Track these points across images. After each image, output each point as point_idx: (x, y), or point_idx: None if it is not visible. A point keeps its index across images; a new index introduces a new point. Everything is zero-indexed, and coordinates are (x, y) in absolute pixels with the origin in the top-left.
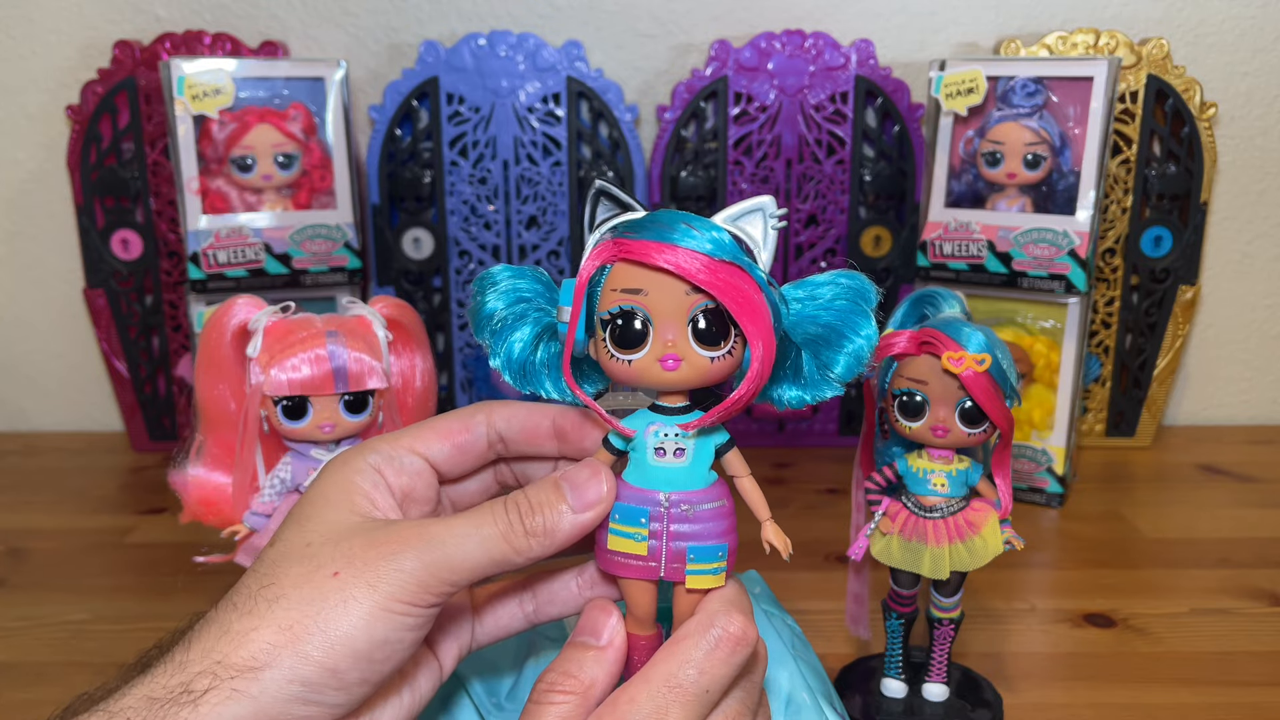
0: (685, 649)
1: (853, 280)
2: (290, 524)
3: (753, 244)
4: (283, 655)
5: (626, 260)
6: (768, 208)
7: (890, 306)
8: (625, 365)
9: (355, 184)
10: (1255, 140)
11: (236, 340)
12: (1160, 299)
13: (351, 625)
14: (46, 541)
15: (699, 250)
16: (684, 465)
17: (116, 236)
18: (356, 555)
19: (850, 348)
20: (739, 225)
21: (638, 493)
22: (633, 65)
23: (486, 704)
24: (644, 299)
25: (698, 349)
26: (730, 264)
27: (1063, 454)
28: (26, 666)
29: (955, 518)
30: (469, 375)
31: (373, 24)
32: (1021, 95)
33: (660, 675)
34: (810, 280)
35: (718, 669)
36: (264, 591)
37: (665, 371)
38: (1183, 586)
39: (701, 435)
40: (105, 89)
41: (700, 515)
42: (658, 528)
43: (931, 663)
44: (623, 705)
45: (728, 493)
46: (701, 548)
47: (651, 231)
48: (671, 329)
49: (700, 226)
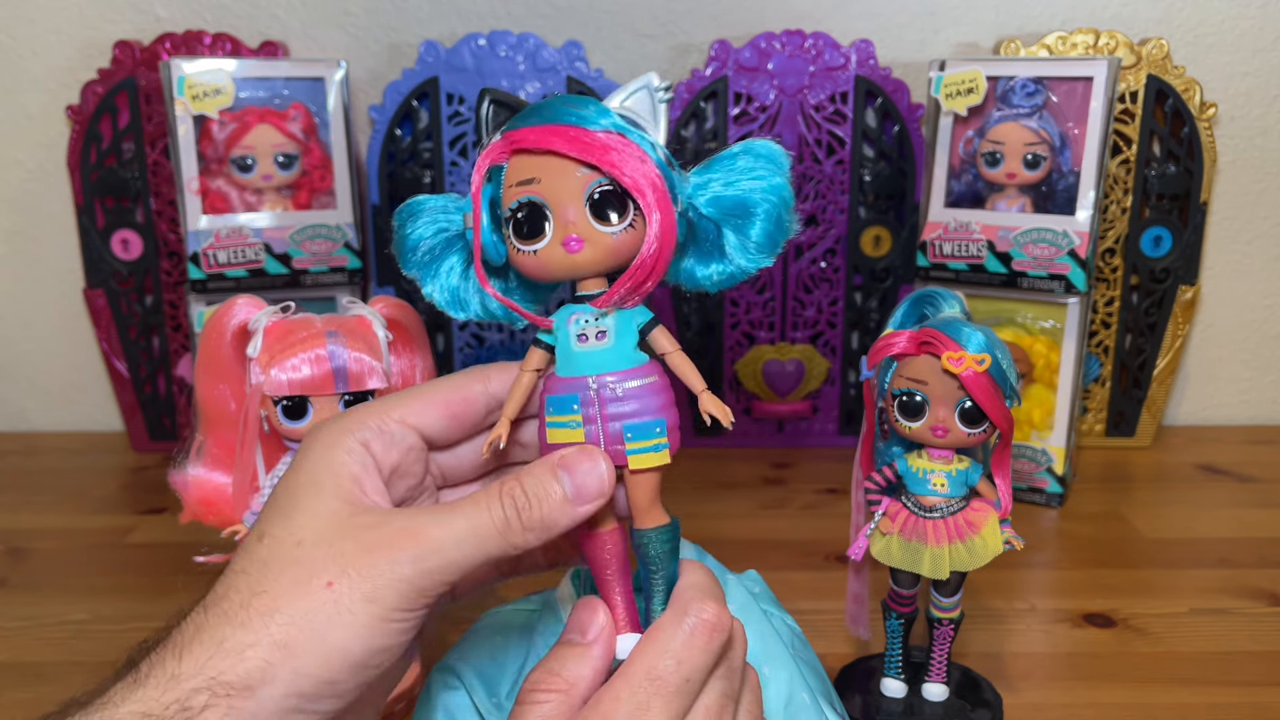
0: (662, 640)
1: (761, 147)
2: (276, 514)
3: (643, 121)
4: (279, 672)
5: (517, 151)
6: (651, 82)
7: (890, 307)
8: (532, 256)
9: (355, 184)
10: (1255, 140)
11: (236, 340)
12: (1160, 299)
13: (349, 640)
14: (46, 541)
15: (585, 125)
16: (607, 346)
17: (117, 236)
18: (350, 563)
19: (762, 210)
20: (625, 106)
21: (566, 382)
22: (633, 65)
23: (487, 704)
24: (539, 188)
25: (598, 226)
26: (616, 134)
27: (1062, 454)
28: (26, 666)
29: (955, 518)
30: None
31: (373, 24)
32: (1021, 95)
33: (640, 669)
34: (718, 156)
35: (696, 657)
36: (256, 601)
37: (569, 254)
38: (1182, 586)
39: (621, 314)
40: (105, 89)
41: (630, 393)
42: (591, 412)
43: (931, 663)
44: (606, 703)
45: (659, 370)
46: (637, 424)
47: (536, 117)
48: (570, 210)
49: (582, 104)
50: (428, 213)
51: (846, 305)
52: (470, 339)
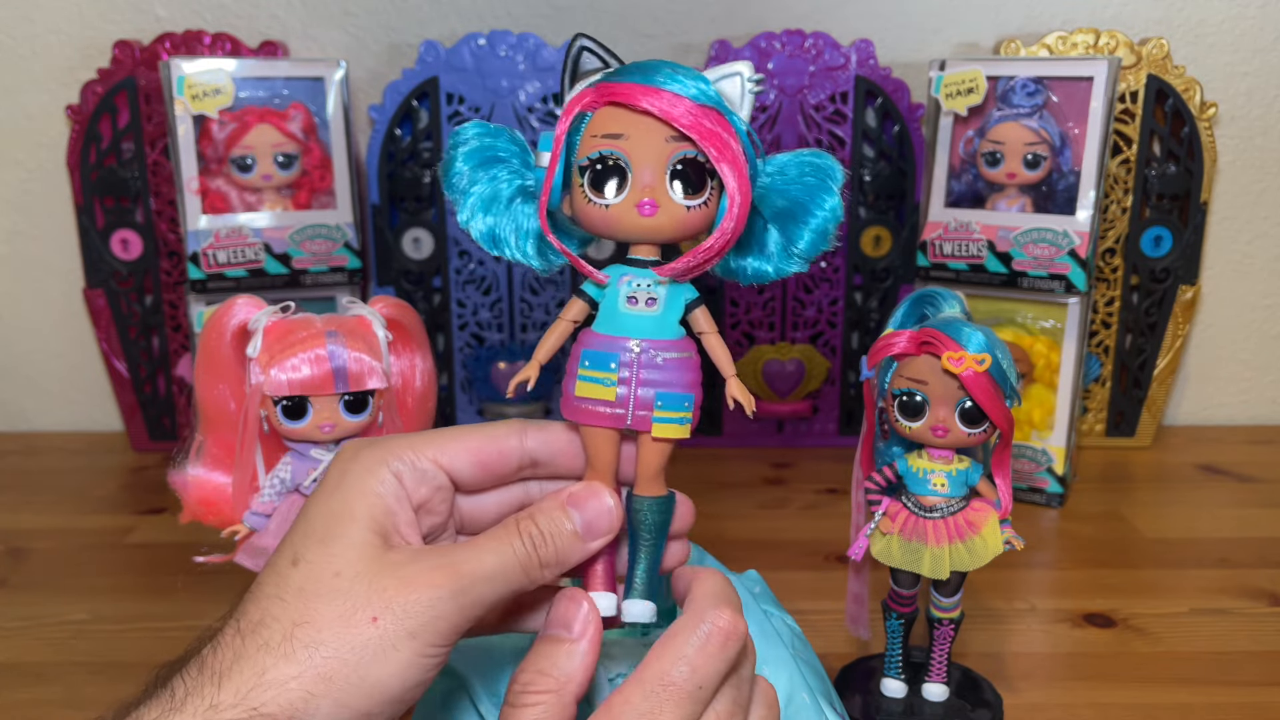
0: (676, 646)
1: (820, 159)
2: (310, 539)
3: (732, 105)
4: (321, 705)
5: (610, 103)
6: (746, 70)
7: (890, 307)
8: (602, 210)
9: (355, 184)
10: (1255, 140)
11: (236, 340)
12: (1160, 299)
13: (390, 674)
14: (46, 541)
15: (684, 94)
16: (655, 314)
17: (116, 236)
18: (393, 598)
19: (814, 223)
20: (720, 86)
21: (608, 339)
22: None
23: (487, 704)
24: (624, 144)
25: (676, 196)
26: (714, 110)
27: (1063, 454)
28: (26, 666)
29: (955, 518)
30: (469, 375)
31: (373, 24)
32: (1021, 95)
33: (653, 674)
34: (778, 157)
35: (709, 664)
36: (299, 632)
37: (642, 217)
38: (1182, 586)
39: (672, 287)
40: (105, 89)
41: (670, 364)
42: (627, 374)
43: (931, 663)
44: (617, 707)
45: (694, 346)
46: (670, 395)
47: (636, 75)
48: (650, 174)
49: (685, 73)
50: (477, 141)
51: (846, 305)
52: (470, 339)
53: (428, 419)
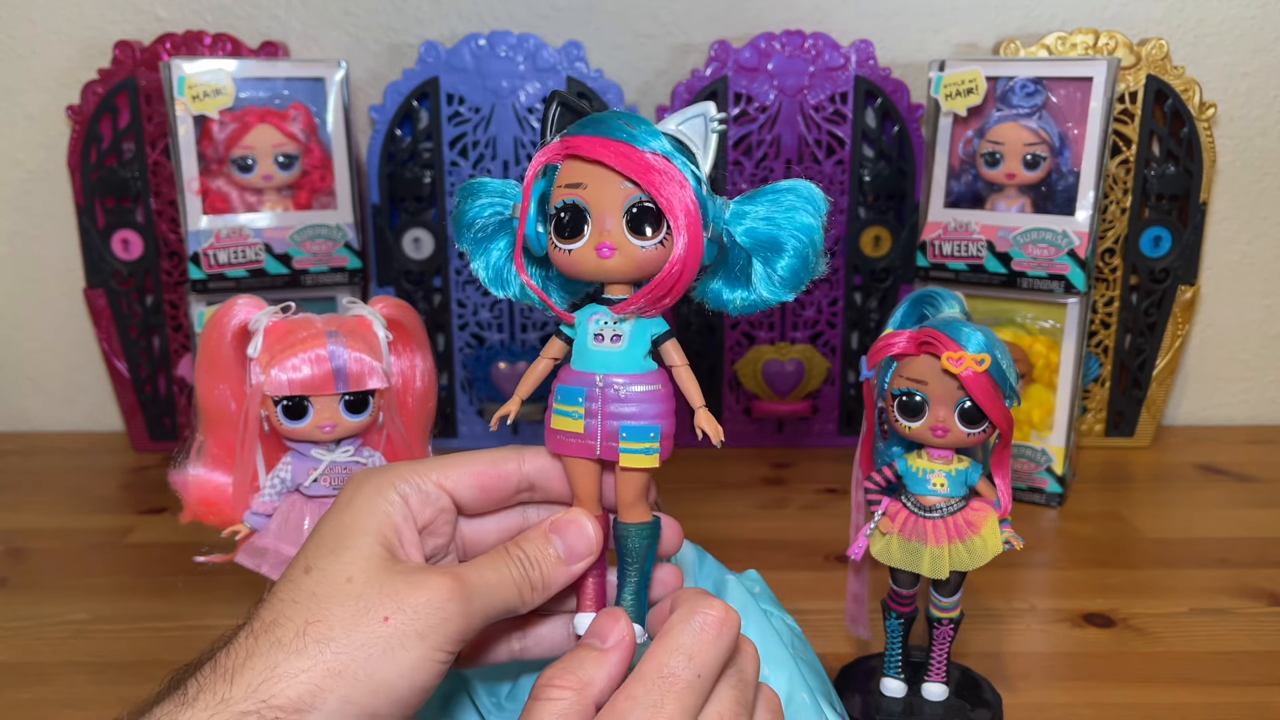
0: (672, 638)
1: (802, 188)
2: (324, 551)
3: (694, 146)
4: (329, 700)
5: (571, 156)
6: (708, 111)
7: (890, 307)
8: (566, 254)
9: (355, 184)
10: (1255, 140)
11: (237, 340)
12: (1159, 299)
13: (398, 673)
14: (46, 541)
15: (634, 144)
16: (619, 350)
17: (117, 236)
18: (405, 600)
19: (792, 248)
20: (681, 130)
21: (577, 375)
22: (633, 66)
23: (487, 704)
24: (584, 192)
25: (631, 239)
26: (662, 158)
27: (1062, 454)
28: (26, 666)
29: (955, 518)
30: (469, 375)
31: (373, 24)
32: (1021, 95)
33: (652, 668)
34: (762, 190)
35: (706, 652)
36: (311, 629)
37: (600, 259)
38: (1182, 586)
39: (638, 323)
40: (106, 89)
41: (632, 396)
42: (594, 407)
43: (931, 662)
44: (621, 704)
45: (665, 379)
46: (634, 427)
47: (593, 129)
48: (609, 219)
49: (637, 124)
50: (487, 194)
51: (846, 305)
52: (470, 339)
53: (428, 419)
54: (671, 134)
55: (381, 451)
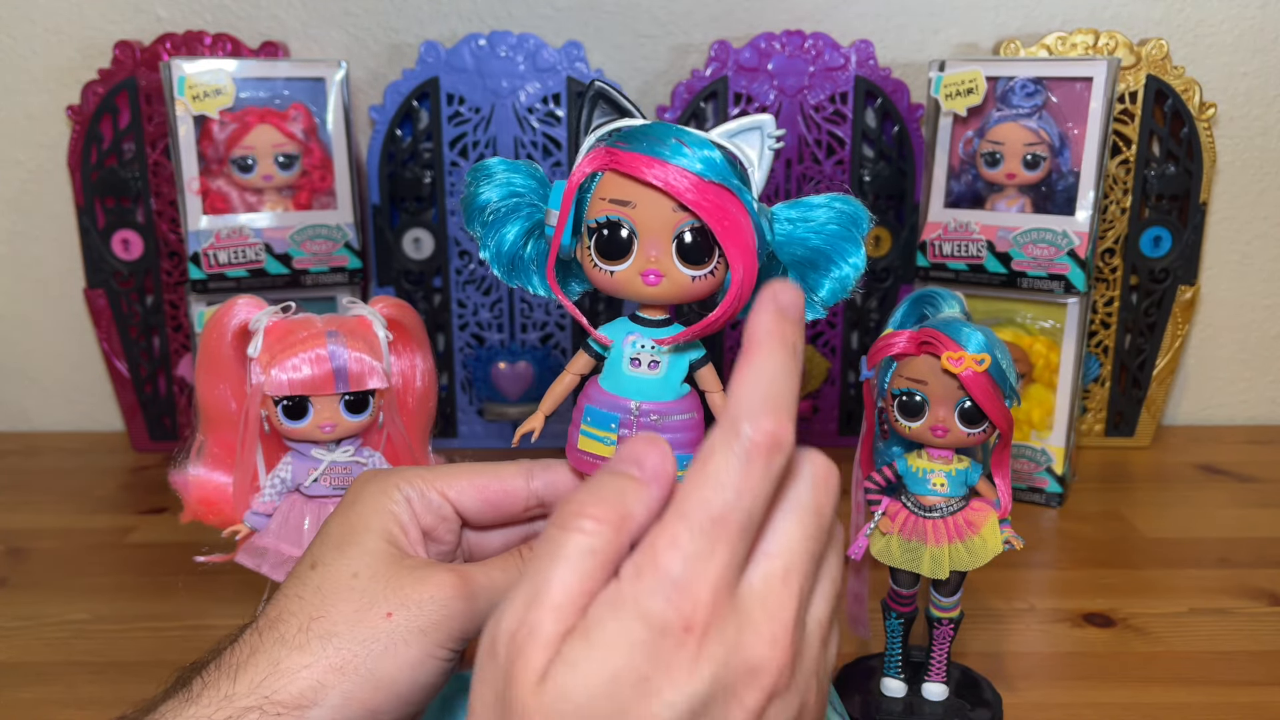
0: (714, 468)
1: (847, 205)
2: (330, 547)
3: (747, 163)
4: (330, 695)
5: (617, 171)
6: (766, 126)
7: (890, 307)
8: (608, 275)
9: (355, 184)
10: (1255, 140)
11: (237, 340)
12: (1159, 299)
13: (399, 669)
14: (46, 541)
15: (689, 169)
16: (657, 377)
17: (117, 237)
18: (409, 597)
19: (837, 274)
20: (735, 142)
21: (610, 398)
22: (633, 66)
23: None
24: (631, 211)
25: (680, 266)
26: (719, 185)
27: (1062, 454)
28: (26, 666)
29: (955, 517)
30: (469, 375)
31: (373, 24)
32: (1021, 95)
33: (696, 507)
34: (805, 201)
35: (756, 485)
36: (315, 625)
37: (646, 285)
38: (1182, 586)
39: (676, 350)
40: (106, 89)
41: (669, 426)
42: (627, 434)
43: (931, 662)
44: (663, 551)
45: (699, 405)
46: None
47: (644, 144)
48: (656, 244)
49: (693, 144)
50: (499, 176)
51: (846, 305)
52: (470, 339)
53: (428, 419)
54: (727, 148)
55: (382, 451)
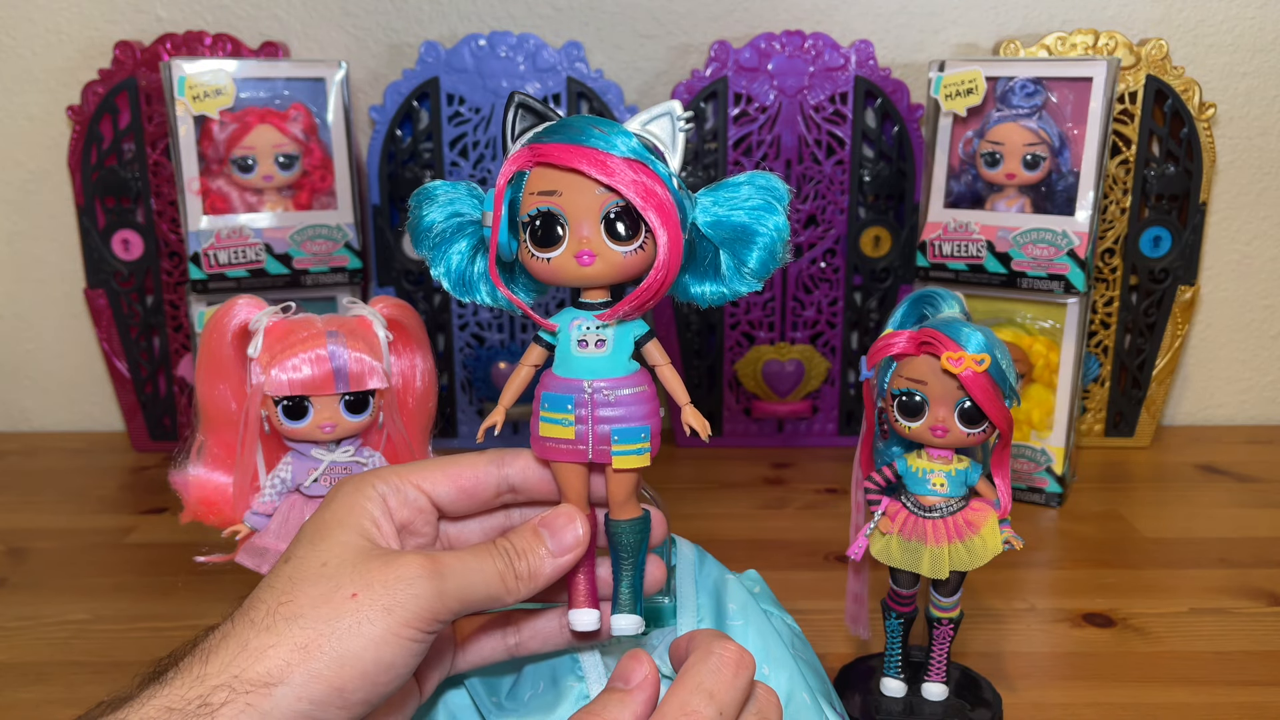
0: (693, 676)
1: (766, 180)
2: (303, 542)
3: (662, 146)
4: (296, 674)
5: (541, 164)
6: (674, 110)
7: (890, 307)
8: (545, 263)
9: (356, 184)
10: (1254, 140)
11: (237, 340)
12: (1159, 299)
13: (363, 647)
14: (46, 541)
15: (608, 150)
16: (605, 355)
17: (117, 237)
18: (375, 578)
19: (762, 241)
20: (648, 129)
21: (563, 382)
22: (633, 66)
23: (487, 703)
24: (559, 200)
25: (610, 245)
26: (636, 162)
27: (1062, 454)
28: (26, 666)
29: (954, 517)
30: (469, 375)
31: (373, 24)
32: (1021, 96)
33: (675, 707)
34: (726, 182)
35: (726, 690)
36: (282, 609)
37: (581, 267)
38: (1182, 586)
39: (621, 326)
40: (106, 89)
41: (622, 400)
42: (583, 413)
43: (931, 662)
44: None
45: (649, 379)
46: (625, 429)
47: (563, 135)
48: (586, 226)
49: (608, 129)
50: (441, 197)
51: (846, 305)
52: (470, 339)
53: (428, 419)
54: (639, 134)
55: (382, 451)
